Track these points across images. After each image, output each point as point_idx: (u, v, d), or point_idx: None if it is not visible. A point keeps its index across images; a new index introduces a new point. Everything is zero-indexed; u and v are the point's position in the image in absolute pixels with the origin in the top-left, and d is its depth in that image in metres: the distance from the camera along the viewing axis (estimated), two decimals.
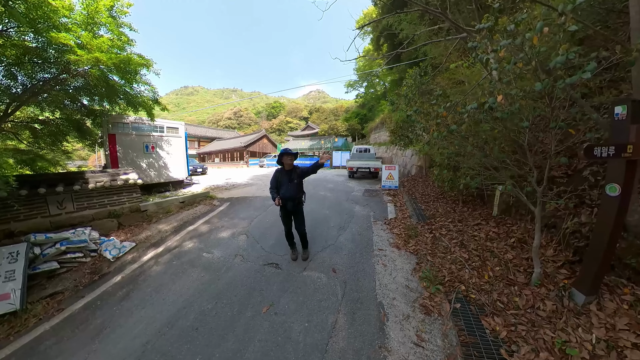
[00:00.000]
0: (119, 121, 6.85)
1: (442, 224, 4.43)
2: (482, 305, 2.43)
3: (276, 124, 60.27)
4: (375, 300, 2.63)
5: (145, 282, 3.32)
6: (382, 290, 2.80)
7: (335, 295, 2.71)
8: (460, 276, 2.89)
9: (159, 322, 2.52)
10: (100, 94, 4.70)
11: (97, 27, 4.05)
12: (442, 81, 7.36)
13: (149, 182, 7.78)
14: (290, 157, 3.29)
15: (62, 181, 4.30)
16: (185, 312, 2.64)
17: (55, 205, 4.21)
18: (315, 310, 2.49)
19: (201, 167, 16.46)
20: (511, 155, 2.88)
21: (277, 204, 3.19)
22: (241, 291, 2.91)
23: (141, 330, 2.43)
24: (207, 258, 3.83)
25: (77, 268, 3.63)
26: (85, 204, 4.76)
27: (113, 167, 6.60)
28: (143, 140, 7.63)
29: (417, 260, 3.41)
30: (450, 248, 3.56)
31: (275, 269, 3.34)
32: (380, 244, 3.98)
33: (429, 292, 2.71)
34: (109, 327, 2.52)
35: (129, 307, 2.82)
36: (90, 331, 2.48)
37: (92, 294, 3.13)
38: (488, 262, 3.04)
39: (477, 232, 3.82)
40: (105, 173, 5.44)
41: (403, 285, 2.88)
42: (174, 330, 2.38)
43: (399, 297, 2.67)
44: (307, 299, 2.66)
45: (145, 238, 4.87)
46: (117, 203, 5.40)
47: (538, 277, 2.48)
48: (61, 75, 4.08)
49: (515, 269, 2.80)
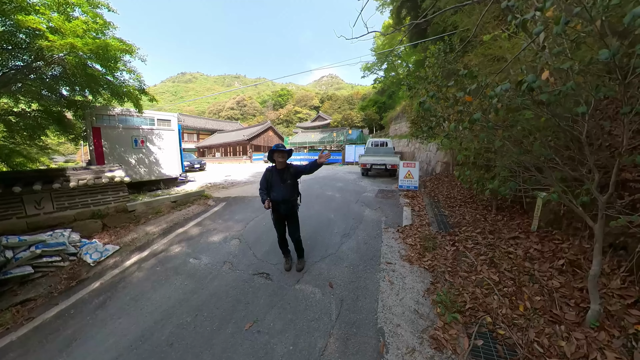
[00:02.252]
0: (104, 113, 7.09)
1: (469, 235, 4.14)
2: (513, 346, 2.12)
3: (284, 115, 60.71)
4: (375, 325, 2.47)
5: (125, 290, 3.39)
6: (385, 313, 2.63)
7: (328, 315, 2.61)
8: (486, 304, 2.60)
9: (133, 335, 2.54)
10: (80, 84, 4.85)
11: (71, 7, 4.14)
12: (474, 59, 6.91)
13: (138, 179, 8.03)
14: (282, 154, 3.19)
15: (41, 179, 4.49)
16: (162, 324, 2.66)
17: (32, 205, 4.40)
18: (303, 332, 2.41)
19: (199, 163, 16.86)
20: (562, 152, 2.47)
21: (266, 207, 3.11)
22: (225, 303, 2.88)
23: (112, 344, 2.46)
24: (194, 265, 3.86)
25: (53, 273, 3.78)
26: (66, 204, 4.95)
27: (98, 163, 6.85)
28: (131, 133, 7.86)
29: (433, 279, 3.17)
30: (476, 266, 3.26)
31: (265, 279, 3.30)
32: (389, 256, 3.80)
33: (444, 322, 2.45)
34: (79, 339, 2.57)
35: (104, 317, 2.88)
36: (59, 343, 2.54)
37: (67, 301, 3.23)
38: (525, 288, 2.69)
39: (513, 247, 3.46)
40: (88, 170, 5.64)
41: (411, 310, 2.67)
42: (147, 345, 2.39)
43: (405, 325, 2.48)
44: (297, 317, 2.59)
45: (130, 241, 5.00)
46: (102, 202, 5.59)
47: (596, 317, 2.09)
48: (35, 63, 4.23)
49: (563, 301, 2.42)
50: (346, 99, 56.76)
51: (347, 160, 20.34)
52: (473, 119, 2.19)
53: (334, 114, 43.35)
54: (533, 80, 1.80)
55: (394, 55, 24.74)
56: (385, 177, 11.26)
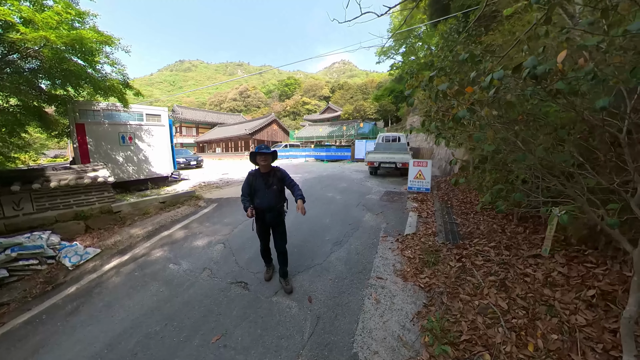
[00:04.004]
0: (88, 108, 7.40)
1: (480, 250, 3.84)
2: None
3: (290, 106, 61.07)
4: (350, 350, 2.43)
5: (100, 296, 3.58)
6: (364, 337, 2.57)
7: (301, 334, 2.62)
8: (487, 337, 2.37)
9: (100, 344, 2.70)
10: (59, 77, 5.10)
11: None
12: (500, 37, 6.53)
13: (126, 179, 8.35)
14: (265, 157, 3.12)
15: (19, 179, 4.77)
16: (130, 333, 2.80)
17: (10, 206, 4.69)
18: (271, 350, 2.45)
19: (195, 160, 17.27)
20: (593, 154, 2.14)
21: (249, 216, 3.02)
22: (197, 313, 3.00)
23: (78, 352, 2.62)
24: (172, 270, 4.01)
25: (29, 277, 4.02)
26: (47, 205, 5.23)
27: (83, 161, 7.17)
28: (118, 130, 8.17)
29: (427, 301, 3.02)
30: (482, 288, 3.00)
31: (242, 289, 3.39)
32: (382, 269, 3.73)
33: (430, 354, 2.30)
34: (46, 346, 2.75)
35: (74, 324, 3.06)
36: (25, 350, 2.73)
37: (40, 306, 3.44)
38: (540, 322, 2.39)
39: (531, 269, 3.10)
40: (70, 170, 5.92)
41: (394, 336, 2.57)
42: (112, 354, 2.54)
43: (384, 353, 2.38)
44: (266, 333, 2.65)
45: (113, 244, 5.24)
46: (85, 203, 5.87)
47: None
48: (9, 56, 4.49)
49: (588, 344, 2.10)
50: (359, 87, 56.43)
51: (356, 156, 20.17)
52: (458, 117, 2.13)
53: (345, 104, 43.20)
54: (534, 65, 1.57)
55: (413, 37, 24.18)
56: (396, 176, 11.09)
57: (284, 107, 61.34)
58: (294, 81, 76.97)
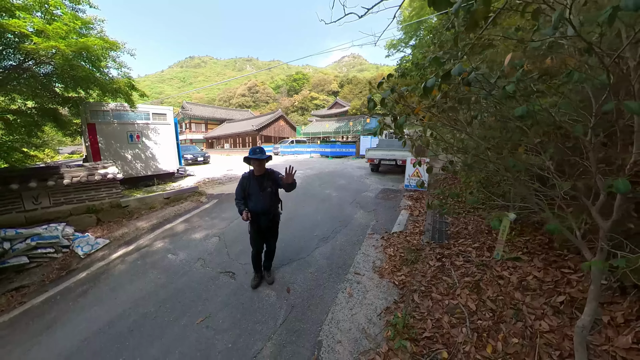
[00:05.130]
0: (98, 109, 7.92)
1: (462, 250, 3.85)
2: None
3: (298, 101, 61.17)
4: (316, 337, 2.66)
5: (106, 281, 4.04)
6: (331, 327, 2.79)
7: (274, 320, 2.91)
8: (450, 336, 2.44)
9: (103, 321, 3.13)
10: (72, 80, 5.57)
11: (54, 6, 4.80)
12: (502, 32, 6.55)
13: (134, 175, 8.87)
14: (259, 162, 3.09)
15: (36, 177, 5.28)
16: (129, 313, 3.22)
17: (30, 200, 5.22)
18: (246, 332, 2.76)
19: (202, 156, 17.81)
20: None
21: (244, 219, 3.03)
22: (187, 297, 3.40)
23: (85, 327, 3.06)
24: (170, 260, 4.43)
25: (47, 263, 4.53)
26: (62, 199, 5.75)
27: (95, 159, 7.71)
28: (127, 129, 8.69)
29: (398, 298, 3.17)
30: (456, 289, 3.04)
31: (229, 278, 3.76)
32: (361, 265, 3.91)
33: (389, 347, 2.42)
34: (59, 322, 3.21)
35: (83, 304, 3.51)
36: (41, 325, 3.20)
37: (55, 288, 3.92)
38: (504, 325, 2.43)
39: (508, 271, 3.12)
40: (82, 167, 6.44)
41: (359, 328, 2.76)
42: (112, 330, 2.96)
43: (346, 342, 2.59)
44: (244, 318, 2.96)
45: (120, 235, 5.72)
46: (96, 198, 6.38)
47: None
48: (26, 63, 4.97)
49: (546, 350, 2.12)
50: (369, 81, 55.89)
51: (362, 153, 20.16)
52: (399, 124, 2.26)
53: (354, 99, 43.08)
54: (459, 72, 1.56)
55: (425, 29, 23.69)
56: (397, 173, 10.98)
57: (292, 103, 61.52)
58: (303, 76, 77.00)
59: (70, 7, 5.40)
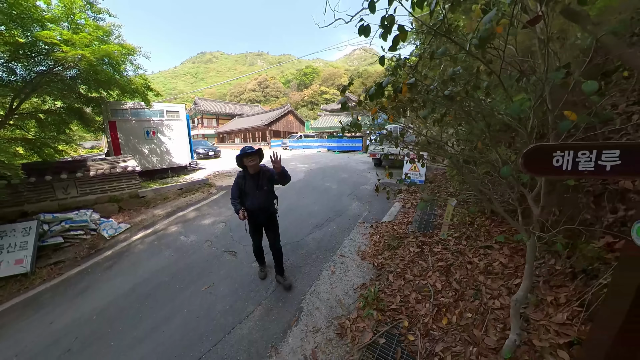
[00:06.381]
0: (118, 107, 8.63)
1: (443, 239, 4.11)
2: (415, 353, 2.35)
3: (308, 95, 61.32)
4: (299, 304, 3.12)
5: (128, 257, 4.69)
6: (312, 297, 3.23)
7: (266, 290, 3.40)
8: (414, 309, 2.80)
9: (126, 287, 3.76)
10: (95, 82, 6.23)
11: (79, 16, 5.43)
12: None
13: (150, 168, 9.60)
14: (253, 157, 3.08)
15: (66, 169, 6.00)
16: (147, 282, 3.84)
17: (61, 190, 5.94)
18: (241, 298, 3.30)
19: (213, 150, 18.55)
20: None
21: (242, 218, 3.07)
22: (195, 271, 3.99)
23: (111, 292, 3.70)
24: (182, 241, 5.05)
25: (78, 243, 5.23)
26: (87, 190, 6.46)
27: (115, 153, 8.44)
28: (143, 126, 9.39)
29: (374, 277, 3.51)
30: (428, 271, 3.36)
31: (231, 256, 4.33)
32: (348, 249, 4.28)
33: (359, 314, 2.82)
34: (90, 289, 3.87)
35: (110, 275, 4.17)
36: (77, 290, 3.86)
37: (86, 263, 4.61)
38: (463, 303, 2.75)
39: (478, 258, 3.41)
40: (105, 161, 7.15)
41: (336, 299, 3.17)
42: (134, 294, 3.59)
43: (323, 309, 3.02)
44: (241, 287, 3.51)
45: (139, 221, 6.41)
46: (117, 189, 7.08)
47: (511, 348, 2.07)
48: (56, 68, 5.63)
49: (493, 324, 2.43)
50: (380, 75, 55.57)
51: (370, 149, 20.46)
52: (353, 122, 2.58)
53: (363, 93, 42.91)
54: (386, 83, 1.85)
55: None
56: (399, 168, 11.30)
57: (302, 97, 61.75)
58: (313, 70, 76.92)
59: (92, 16, 6.03)
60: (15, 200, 5.39)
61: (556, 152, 1.16)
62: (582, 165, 1.15)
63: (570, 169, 1.17)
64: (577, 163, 1.16)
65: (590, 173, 1.16)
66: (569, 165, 1.16)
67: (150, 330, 2.97)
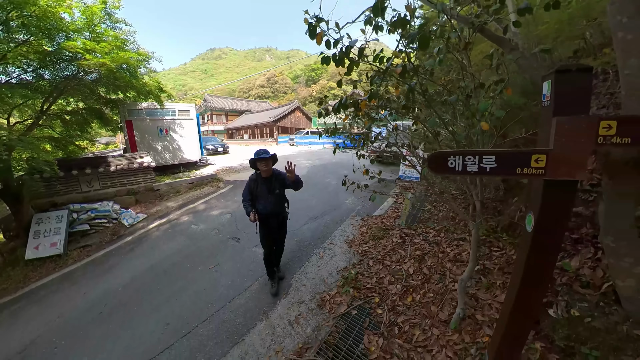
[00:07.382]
0: (134, 108, 9.31)
1: (424, 231, 4.35)
2: (380, 323, 2.75)
3: (316, 91, 61.16)
4: (289, 281, 3.64)
5: (146, 242, 5.33)
6: (300, 276, 3.72)
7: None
8: (385, 289, 3.20)
9: (145, 266, 4.40)
10: (114, 86, 6.88)
11: (98, 26, 6.05)
12: None
13: (163, 163, 10.29)
14: (265, 162, 3.04)
15: (90, 165, 6.68)
16: (163, 262, 4.46)
17: (85, 184, 6.64)
18: (242, 275, 3.90)
19: (222, 146, 19.18)
20: None
21: (252, 220, 2.99)
22: (204, 253, 4.59)
23: (133, 270, 4.34)
24: (193, 229, 5.66)
25: (102, 230, 5.91)
26: (108, 183, 7.15)
27: (132, 150, 9.13)
28: (157, 124, 10.06)
29: (357, 262, 3.90)
30: (405, 259, 3.72)
31: (235, 242, 4.91)
32: (337, 238, 4.68)
33: (338, 291, 3.31)
34: (115, 267, 4.52)
35: (131, 257, 4.81)
36: (104, 269, 4.53)
37: (110, 247, 5.29)
38: (428, 285, 3.11)
39: (450, 248, 3.70)
40: (123, 157, 7.83)
41: (321, 278, 3.65)
42: (152, 272, 4.21)
43: (309, 285, 3.52)
44: (242, 266, 4.11)
45: (155, 212, 7.07)
46: (134, 183, 7.76)
47: (457, 320, 2.44)
48: (79, 74, 6.28)
49: (449, 302, 2.81)
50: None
51: None
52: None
53: None
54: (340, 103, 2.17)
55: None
56: (398, 165, 11.64)
57: (310, 93, 61.77)
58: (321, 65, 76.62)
59: (110, 26, 6.64)
60: (48, 192, 6.10)
61: (450, 157, 1.53)
62: (469, 167, 1.50)
63: (461, 169, 1.52)
64: (465, 165, 1.51)
65: (475, 173, 1.52)
66: (459, 166, 1.52)
67: (166, 299, 3.58)
